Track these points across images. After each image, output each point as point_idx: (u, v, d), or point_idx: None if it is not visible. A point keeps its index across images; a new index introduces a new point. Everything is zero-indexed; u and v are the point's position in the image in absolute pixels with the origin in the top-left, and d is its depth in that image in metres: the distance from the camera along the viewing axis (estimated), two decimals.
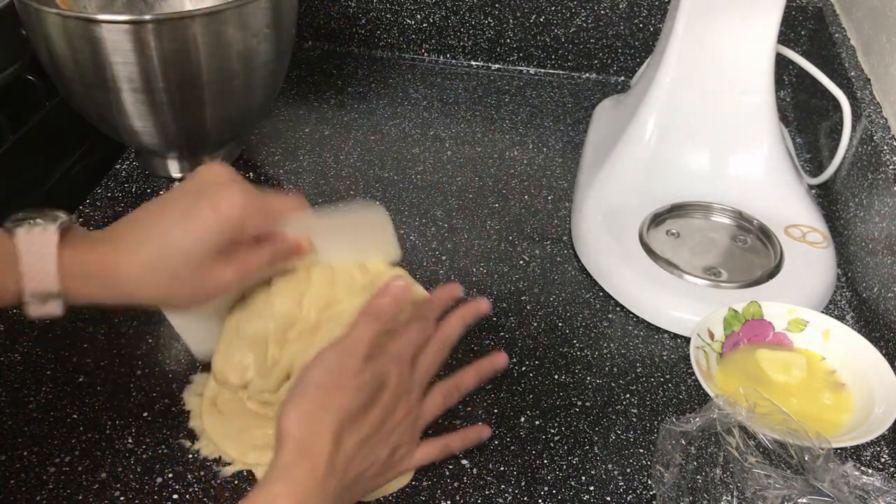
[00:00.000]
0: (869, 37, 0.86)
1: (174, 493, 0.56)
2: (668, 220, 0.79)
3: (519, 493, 0.57)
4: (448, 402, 0.56)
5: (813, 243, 0.76)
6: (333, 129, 0.97)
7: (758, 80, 0.79)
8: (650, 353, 0.69)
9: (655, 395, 0.65)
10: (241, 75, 0.79)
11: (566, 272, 0.77)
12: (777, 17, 0.76)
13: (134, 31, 0.71)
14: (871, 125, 0.76)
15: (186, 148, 0.85)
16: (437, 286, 0.74)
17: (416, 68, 1.11)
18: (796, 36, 1.03)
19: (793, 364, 0.65)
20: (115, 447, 0.59)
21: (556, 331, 0.71)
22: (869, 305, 0.70)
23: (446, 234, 0.81)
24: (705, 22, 0.77)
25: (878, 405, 0.61)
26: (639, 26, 1.06)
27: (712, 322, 0.67)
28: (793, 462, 0.55)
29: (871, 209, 0.73)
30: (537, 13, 1.07)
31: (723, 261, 0.75)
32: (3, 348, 0.66)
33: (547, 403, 0.64)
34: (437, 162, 0.92)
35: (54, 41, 0.74)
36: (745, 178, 0.81)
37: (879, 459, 0.61)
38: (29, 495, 0.56)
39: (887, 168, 0.71)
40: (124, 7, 0.89)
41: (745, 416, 0.56)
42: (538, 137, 0.97)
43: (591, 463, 0.59)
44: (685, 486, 0.56)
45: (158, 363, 0.65)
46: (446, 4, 1.08)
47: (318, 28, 1.14)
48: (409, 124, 0.99)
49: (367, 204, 0.62)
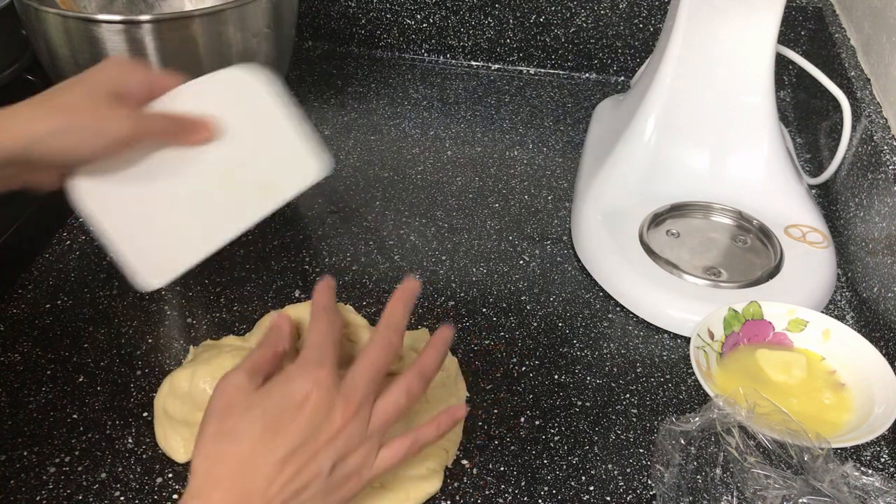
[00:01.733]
0: (869, 37, 0.86)
1: (174, 493, 0.56)
2: (668, 220, 0.79)
3: (519, 493, 0.57)
4: (412, 387, 0.50)
5: (813, 243, 0.76)
6: (333, 129, 0.97)
7: (758, 80, 0.79)
8: (650, 353, 0.69)
9: (655, 395, 0.65)
10: None
11: (566, 272, 0.77)
12: (777, 17, 0.76)
13: (134, 32, 0.71)
14: (871, 125, 0.76)
15: None
16: (437, 286, 0.74)
17: (416, 68, 1.11)
18: (796, 36, 1.03)
19: (793, 364, 0.65)
20: (115, 447, 0.59)
21: (556, 331, 0.71)
22: (869, 305, 0.70)
23: (446, 234, 0.81)
24: (705, 22, 0.77)
25: (878, 405, 0.61)
26: (639, 26, 1.06)
27: (712, 322, 0.67)
28: (792, 462, 0.55)
29: (871, 209, 0.73)
30: (537, 13, 1.07)
31: (723, 261, 0.76)
32: (3, 348, 0.66)
33: (547, 403, 0.64)
34: (437, 162, 0.92)
35: (54, 41, 0.74)
36: (745, 178, 0.81)
37: (879, 459, 0.61)
38: (29, 495, 0.56)
39: (887, 168, 0.71)
40: (124, 7, 0.89)
41: (745, 416, 0.56)
42: (538, 137, 0.97)
43: (591, 463, 0.59)
44: (685, 486, 0.56)
45: (158, 363, 0.65)
46: (446, 4, 1.08)
47: (318, 28, 1.14)
48: (409, 124, 0.99)
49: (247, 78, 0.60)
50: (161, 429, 0.59)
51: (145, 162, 0.55)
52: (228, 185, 0.58)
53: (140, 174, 0.55)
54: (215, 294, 0.73)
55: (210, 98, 0.58)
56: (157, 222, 0.56)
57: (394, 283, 0.73)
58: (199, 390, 0.57)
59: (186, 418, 0.58)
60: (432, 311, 0.72)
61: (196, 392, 0.57)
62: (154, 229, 0.56)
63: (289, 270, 0.76)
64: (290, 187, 0.60)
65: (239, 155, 0.58)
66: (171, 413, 0.58)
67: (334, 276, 0.75)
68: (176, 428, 0.58)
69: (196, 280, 0.74)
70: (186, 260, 0.56)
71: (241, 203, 0.58)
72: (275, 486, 0.45)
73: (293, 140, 0.61)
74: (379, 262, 0.77)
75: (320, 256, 0.78)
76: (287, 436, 0.46)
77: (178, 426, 0.58)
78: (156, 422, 0.60)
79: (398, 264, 0.77)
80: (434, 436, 0.51)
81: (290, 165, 0.60)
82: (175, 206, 0.57)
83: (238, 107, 0.59)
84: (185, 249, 0.57)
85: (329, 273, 0.75)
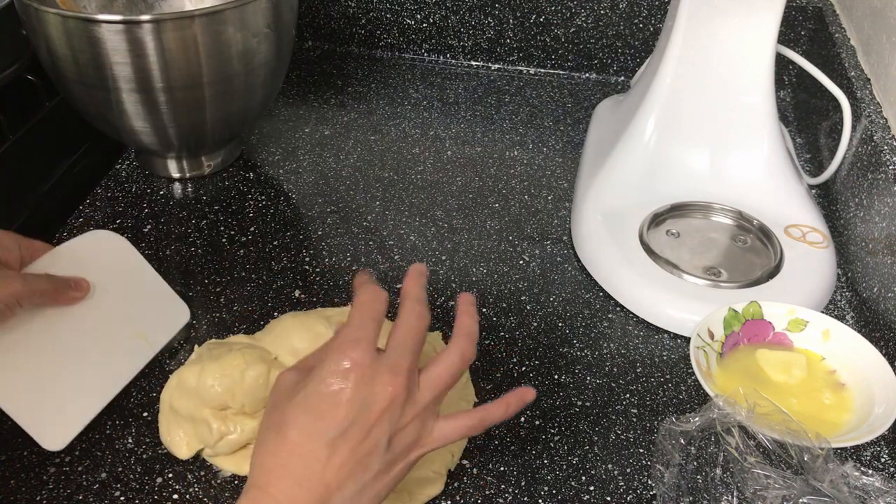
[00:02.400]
0: (869, 37, 0.86)
1: (174, 493, 0.56)
2: (668, 220, 0.79)
3: (519, 493, 0.57)
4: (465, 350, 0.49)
5: (813, 243, 0.76)
6: (333, 129, 0.97)
7: (758, 80, 0.79)
8: (650, 353, 0.69)
9: (655, 395, 0.65)
10: (241, 75, 0.79)
11: (566, 272, 0.77)
12: (777, 17, 0.76)
13: (134, 32, 0.71)
14: (871, 125, 0.76)
15: (186, 148, 0.85)
16: (436, 287, 0.74)
17: (416, 68, 1.11)
18: (796, 36, 1.03)
19: (793, 364, 0.65)
20: (115, 447, 0.59)
21: (556, 331, 0.71)
22: (869, 305, 0.70)
23: (446, 234, 0.81)
24: (705, 22, 0.77)
25: (878, 405, 0.61)
26: (639, 26, 1.06)
27: (712, 322, 0.67)
28: (792, 462, 0.55)
29: (871, 209, 0.73)
30: (537, 13, 1.07)
31: (723, 261, 0.76)
32: None
33: (547, 403, 0.64)
34: (437, 162, 0.92)
35: (54, 41, 0.74)
36: (745, 178, 0.81)
37: (879, 459, 0.61)
38: (29, 495, 0.56)
39: (887, 168, 0.71)
40: (124, 7, 0.89)
41: (745, 416, 0.56)
42: (538, 137, 0.97)
43: (591, 463, 0.59)
44: (685, 486, 0.56)
45: (158, 363, 0.65)
46: (446, 4, 1.08)
47: (318, 28, 1.14)
48: (409, 124, 0.99)
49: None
50: (165, 423, 0.59)
51: (25, 328, 0.58)
52: (108, 338, 0.62)
53: (21, 341, 0.58)
54: (215, 294, 0.73)
55: (80, 259, 0.62)
56: (47, 388, 0.58)
57: (394, 283, 0.73)
58: (206, 386, 0.57)
59: (192, 414, 0.58)
60: (432, 311, 0.71)
61: (203, 388, 0.57)
62: (45, 395, 0.58)
63: (289, 270, 0.76)
64: (164, 333, 0.66)
65: (114, 308, 0.63)
66: (177, 408, 0.59)
67: (334, 276, 0.75)
68: (181, 423, 0.58)
69: (196, 280, 0.74)
70: (82, 419, 0.59)
71: (123, 354, 0.62)
72: (331, 469, 0.45)
73: (160, 291, 0.67)
74: (379, 262, 0.77)
75: (320, 256, 0.78)
76: (333, 417, 0.45)
77: (182, 421, 0.58)
78: (161, 416, 0.60)
79: (398, 264, 0.77)
80: (502, 416, 0.50)
81: (161, 313, 0.66)
82: (61, 369, 0.59)
83: (107, 265, 0.63)
84: (78, 409, 0.59)
85: (329, 273, 0.75)
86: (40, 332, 0.58)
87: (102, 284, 0.62)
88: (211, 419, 0.57)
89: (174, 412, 0.59)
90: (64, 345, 0.59)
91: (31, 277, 0.58)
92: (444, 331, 0.67)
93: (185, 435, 0.58)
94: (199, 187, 0.87)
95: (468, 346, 0.49)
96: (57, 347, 0.59)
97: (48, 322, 0.59)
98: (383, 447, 0.46)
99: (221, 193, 0.86)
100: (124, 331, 0.63)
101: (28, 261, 0.59)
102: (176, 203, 0.84)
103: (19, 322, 0.57)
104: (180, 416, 0.58)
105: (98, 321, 0.61)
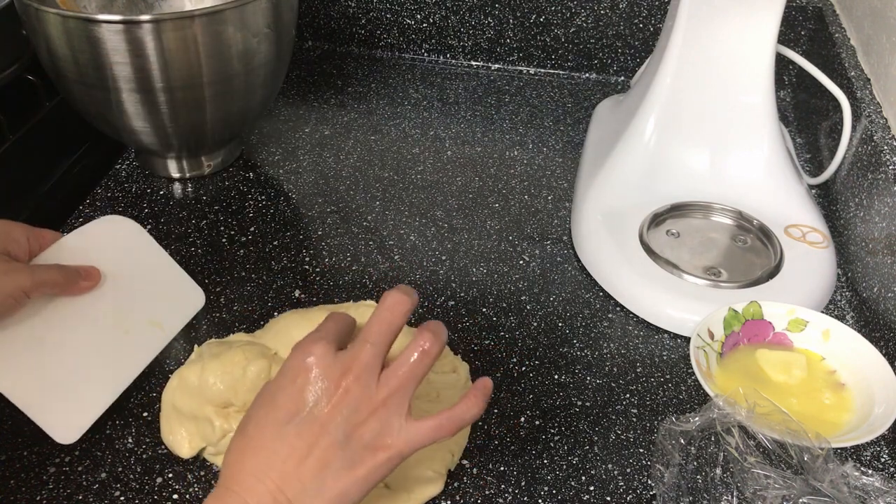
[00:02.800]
0: (869, 37, 0.86)
1: (174, 493, 0.56)
2: (668, 220, 0.79)
3: (519, 493, 0.57)
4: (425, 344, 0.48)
5: (813, 243, 0.76)
6: (333, 129, 0.97)
7: (758, 80, 0.79)
8: (650, 353, 0.69)
9: (655, 395, 0.65)
10: (241, 75, 0.79)
11: (566, 272, 0.77)
12: (777, 17, 0.76)
13: (134, 32, 0.71)
14: (871, 125, 0.76)
15: (186, 148, 0.85)
16: (437, 286, 0.74)
17: (416, 68, 1.11)
18: (796, 36, 1.03)
19: (793, 364, 0.65)
20: (115, 447, 0.59)
21: (556, 331, 0.71)
22: (869, 305, 0.70)
23: (446, 234, 0.81)
24: (705, 22, 0.77)
25: (878, 405, 0.61)
26: (639, 26, 1.06)
27: (712, 322, 0.67)
28: (792, 462, 0.55)
29: (871, 209, 0.73)
30: (537, 13, 1.07)
31: (723, 261, 0.75)
32: None
33: (547, 403, 0.64)
34: (437, 162, 0.92)
35: (54, 41, 0.74)
36: (745, 178, 0.81)
37: (879, 459, 0.61)
38: (29, 495, 0.56)
39: (887, 168, 0.71)
40: (124, 7, 0.89)
41: (745, 416, 0.56)
42: (538, 137, 0.97)
43: (591, 463, 0.59)
44: (685, 486, 0.56)
45: (158, 363, 0.65)
46: (446, 4, 1.08)
47: (318, 28, 1.14)
48: (409, 124, 0.99)
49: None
50: (168, 423, 0.59)
51: (37, 320, 0.57)
52: (120, 327, 0.61)
53: (32, 333, 0.57)
54: (215, 294, 0.73)
55: (91, 247, 0.61)
56: (60, 380, 0.58)
57: (394, 283, 0.73)
58: (208, 384, 0.57)
59: (194, 412, 0.58)
60: (432, 311, 0.72)
61: (205, 386, 0.57)
62: (57, 387, 0.57)
63: (289, 270, 0.76)
64: (178, 320, 0.65)
65: (126, 296, 0.62)
66: (179, 407, 0.59)
67: (334, 276, 0.75)
68: (183, 422, 0.58)
69: (196, 280, 0.74)
70: (94, 411, 0.59)
71: (135, 343, 0.62)
72: (287, 461, 0.45)
73: (174, 276, 0.66)
74: (379, 262, 0.77)
75: (320, 256, 0.78)
76: (284, 407, 0.46)
77: (185, 420, 0.58)
78: (162, 416, 0.60)
79: (398, 264, 0.77)
80: (473, 412, 0.49)
81: (175, 299, 0.65)
82: (73, 360, 0.59)
83: (118, 252, 0.62)
84: (91, 401, 0.59)
85: (329, 273, 0.75)
86: (51, 322, 0.58)
87: (114, 271, 0.61)
88: (213, 417, 0.57)
89: (176, 411, 0.59)
90: (75, 335, 0.59)
91: (39, 269, 0.57)
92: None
93: (188, 434, 0.58)
94: (199, 187, 0.87)
95: (429, 340, 0.48)
96: (67, 338, 0.58)
97: (59, 312, 0.58)
98: (339, 442, 0.46)
99: (221, 193, 0.86)
100: (138, 319, 0.62)
101: (37, 251, 0.59)
102: (176, 203, 0.84)
103: (29, 313, 0.57)
104: (182, 414, 0.58)
105: (110, 310, 0.61)
